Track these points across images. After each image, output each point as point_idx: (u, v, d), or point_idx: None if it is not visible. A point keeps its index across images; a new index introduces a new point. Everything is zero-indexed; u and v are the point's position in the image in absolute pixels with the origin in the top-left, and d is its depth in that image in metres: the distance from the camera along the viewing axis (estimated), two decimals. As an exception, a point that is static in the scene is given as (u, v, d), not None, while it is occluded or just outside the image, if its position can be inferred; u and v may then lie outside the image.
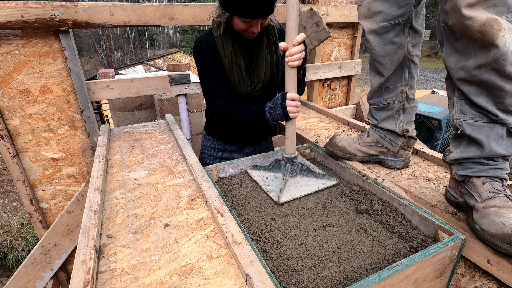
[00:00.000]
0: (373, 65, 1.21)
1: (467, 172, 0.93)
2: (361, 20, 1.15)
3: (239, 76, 1.32)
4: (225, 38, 1.27)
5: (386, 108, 1.25)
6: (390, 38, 1.11)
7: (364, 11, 1.12)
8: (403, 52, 1.13)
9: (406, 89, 1.21)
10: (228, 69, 1.30)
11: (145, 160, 1.35)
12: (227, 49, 1.28)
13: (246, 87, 1.34)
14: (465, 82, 0.88)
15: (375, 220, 1.02)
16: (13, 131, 1.55)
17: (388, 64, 1.15)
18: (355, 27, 2.51)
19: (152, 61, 10.68)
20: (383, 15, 1.07)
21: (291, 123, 1.17)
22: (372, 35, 1.13)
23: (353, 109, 2.79)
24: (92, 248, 0.77)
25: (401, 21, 1.08)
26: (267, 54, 1.35)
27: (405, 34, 1.11)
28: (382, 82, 1.20)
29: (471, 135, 0.90)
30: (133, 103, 3.92)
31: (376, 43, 1.13)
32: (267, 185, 1.21)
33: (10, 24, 1.33)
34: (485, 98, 0.86)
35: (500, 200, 0.85)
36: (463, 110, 0.92)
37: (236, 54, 1.29)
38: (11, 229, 4.87)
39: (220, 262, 0.78)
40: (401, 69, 1.19)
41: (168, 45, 31.82)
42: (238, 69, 1.30)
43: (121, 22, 1.57)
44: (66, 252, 1.76)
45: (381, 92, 1.24)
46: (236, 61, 1.30)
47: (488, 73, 0.82)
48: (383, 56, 1.14)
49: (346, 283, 0.77)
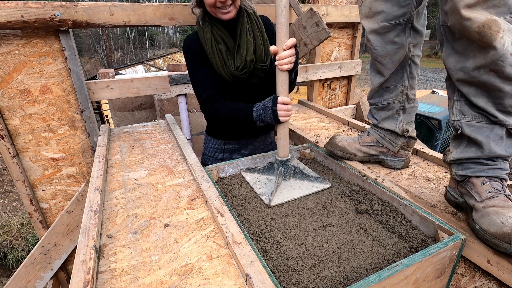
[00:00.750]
0: (374, 65, 1.21)
1: (466, 172, 0.93)
2: (362, 19, 1.16)
3: (221, 59, 1.32)
4: (204, 28, 1.31)
5: (386, 108, 1.25)
6: (391, 38, 1.11)
7: (366, 11, 1.12)
8: (403, 52, 1.13)
9: (406, 89, 1.21)
10: (210, 55, 1.32)
11: (145, 160, 1.35)
12: (207, 37, 1.31)
13: (229, 68, 1.33)
14: (464, 83, 0.88)
15: (375, 220, 1.02)
16: (13, 131, 1.55)
17: (389, 64, 1.15)
18: (355, 27, 2.51)
19: (152, 61, 10.68)
20: (384, 15, 1.07)
21: (283, 126, 1.17)
22: (373, 35, 1.13)
23: (353, 109, 2.79)
24: (92, 248, 0.77)
25: (402, 21, 1.08)
26: (249, 37, 1.35)
27: (406, 34, 1.11)
28: (382, 82, 1.20)
29: (470, 135, 0.90)
30: (133, 103, 3.93)
31: (377, 42, 1.13)
32: (260, 188, 1.21)
33: (10, 24, 1.33)
34: (484, 99, 0.86)
35: (500, 200, 0.85)
36: (462, 111, 0.92)
37: (216, 40, 1.32)
38: (11, 229, 4.87)
39: (220, 262, 0.78)
40: (401, 69, 1.19)
41: (168, 45, 31.83)
42: (218, 52, 1.32)
43: (121, 22, 1.57)
44: (66, 252, 1.76)
45: (382, 92, 1.24)
46: (217, 46, 1.31)
47: (487, 74, 0.81)
48: (384, 56, 1.14)
49: (346, 283, 0.77)
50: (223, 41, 1.32)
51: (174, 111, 3.41)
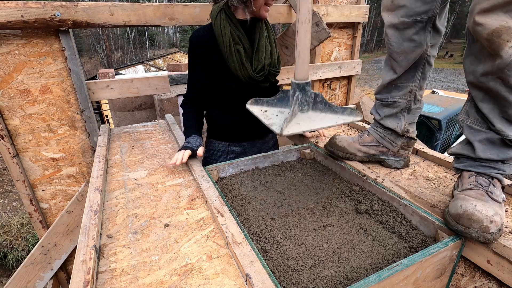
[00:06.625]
0: (389, 61, 1.17)
1: (460, 165, 0.99)
2: (383, 12, 1.11)
3: (239, 61, 1.34)
4: (222, 25, 1.31)
5: (392, 106, 1.23)
6: (409, 35, 1.05)
7: (387, 3, 1.07)
8: (420, 51, 1.08)
9: (416, 89, 1.18)
10: (227, 55, 1.33)
11: (145, 160, 1.35)
12: (226, 35, 1.30)
13: (247, 71, 1.36)
14: (473, 87, 0.89)
15: (375, 220, 1.02)
16: (13, 131, 1.55)
17: (403, 62, 1.11)
18: (355, 27, 2.51)
19: (152, 61, 10.67)
20: (406, 9, 1.02)
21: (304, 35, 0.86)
22: (391, 29, 1.08)
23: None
24: (92, 248, 0.77)
25: (424, 18, 1.02)
26: (266, 41, 1.39)
27: (426, 33, 1.06)
28: (393, 79, 1.17)
29: (467, 137, 0.95)
30: (133, 103, 3.93)
31: (394, 38, 1.08)
32: (269, 119, 0.96)
33: (10, 24, 1.33)
34: (490, 105, 0.87)
35: (476, 192, 0.88)
36: (468, 112, 0.95)
37: (235, 40, 1.32)
38: (11, 229, 4.87)
39: (220, 262, 0.78)
40: (415, 68, 1.15)
41: (168, 45, 31.84)
42: (236, 53, 1.33)
43: (121, 22, 1.57)
44: (66, 252, 1.76)
45: (390, 88, 1.21)
46: (235, 47, 1.32)
47: (494, 81, 0.82)
48: (400, 53, 1.09)
49: (346, 283, 0.77)
50: (240, 42, 1.33)
51: (174, 111, 3.41)
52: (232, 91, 1.43)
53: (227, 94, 1.44)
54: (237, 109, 1.43)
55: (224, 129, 1.54)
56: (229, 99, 1.46)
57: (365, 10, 2.41)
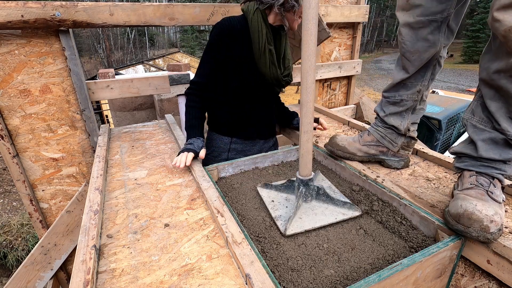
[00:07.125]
0: (401, 60, 1.16)
1: (461, 165, 0.98)
2: (398, 11, 1.10)
3: (270, 60, 1.37)
4: (260, 23, 1.32)
5: (398, 104, 1.22)
6: (424, 34, 1.05)
7: (403, 3, 1.06)
8: (434, 51, 1.07)
9: (424, 90, 1.18)
10: (260, 52, 1.34)
11: (145, 160, 1.35)
12: (262, 32, 1.32)
13: (276, 72, 1.40)
14: (485, 84, 0.89)
15: (375, 220, 1.02)
16: (13, 131, 1.55)
17: (416, 61, 1.10)
18: (355, 27, 2.51)
19: (152, 61, 10.67)
20: (422, 9, 1.01)
21: (306, 141, 0.99)
22: (406, 28, 1.07)
23: (353, 109, 2.79)
24: (92, 248, 0.77)
25: (439, 18, 1.02)
26: (289, 49, 1.45)
27: (440, 33, 1.05)
28: (404, 78, 1.16)
29: (470, 136, 0.94)
30: (133, 103, 3.93)
31: (408, 37, 1.08)
32: (275, 210, 1.06)
33: (10, 24, 1.33)
34: (499, 104, 0.87)
35: (476, 191, 0.88)
36: (474, 111, 0.94)
37: (268, 40, 1.34)
38: (11, 229, 4.87)
39: (220, 262, 0.78)
40: (425, 68, 1.14)
41: (168, 45, 31.84)
42: (269, 53, 1.35)
43: (121, 22, 1.57)
44: (66, 252, 1.76)
45: (399, 87, 1.21)
46: (267, 46, 1.34)
47: (506, 80, 0.81)
48: (413, 52, 1.09)
49: (346, 283, 0.77)
50: (272, 44, 1.36)
51: (174, 111, 3.41)
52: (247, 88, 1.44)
53: (243, 89, 1.44)
54: (245, 108, 1.47)
55: (228, 124, 1.53)
56: (240, 96, 1.46)
57: (365, 10, 2.41)
